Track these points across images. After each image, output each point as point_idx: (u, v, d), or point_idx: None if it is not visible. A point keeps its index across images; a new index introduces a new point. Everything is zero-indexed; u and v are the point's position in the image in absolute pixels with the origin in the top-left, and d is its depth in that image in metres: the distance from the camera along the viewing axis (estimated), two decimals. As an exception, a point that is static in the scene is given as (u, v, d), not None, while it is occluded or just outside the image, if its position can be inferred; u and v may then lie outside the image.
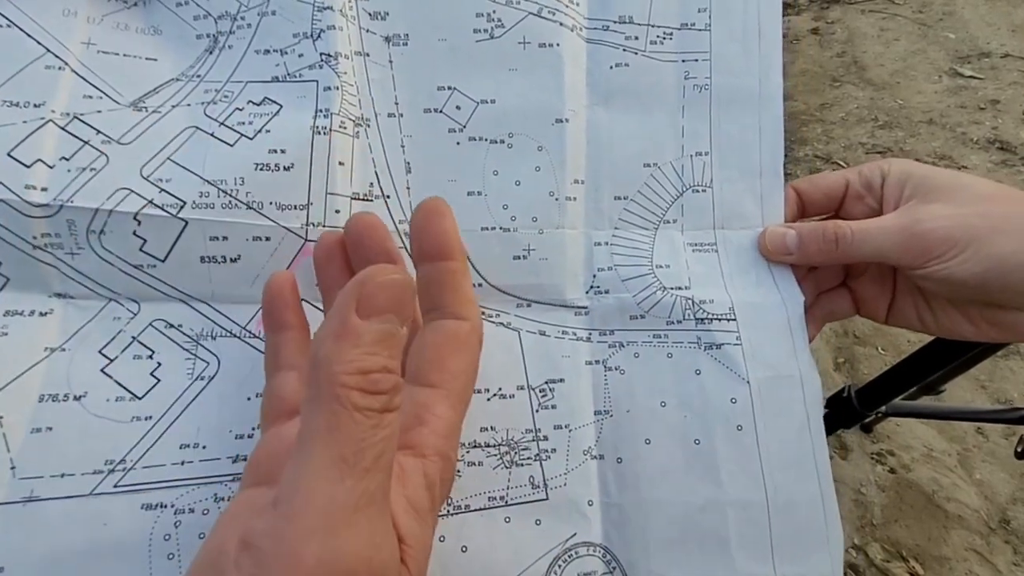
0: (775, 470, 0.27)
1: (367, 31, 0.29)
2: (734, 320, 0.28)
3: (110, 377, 0.25)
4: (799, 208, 0.32)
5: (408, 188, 0.29)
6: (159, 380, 0.25)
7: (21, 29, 0.26)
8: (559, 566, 0.26)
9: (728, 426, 0.27)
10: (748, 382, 0.27)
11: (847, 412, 0.68)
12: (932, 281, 0.27)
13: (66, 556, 0.23)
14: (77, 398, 0.25)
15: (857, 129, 1.76)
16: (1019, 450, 0.70)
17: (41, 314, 0.25)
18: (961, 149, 1.64)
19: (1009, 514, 1.04)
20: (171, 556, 0.24)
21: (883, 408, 0.72)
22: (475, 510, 0.26)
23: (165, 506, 0.24)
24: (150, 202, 0.25)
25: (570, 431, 0.27)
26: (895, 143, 1.69)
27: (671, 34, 0.31)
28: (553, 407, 0.28)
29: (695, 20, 0.31)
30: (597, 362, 0.29)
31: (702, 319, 0.29)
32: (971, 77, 1.81)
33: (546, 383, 0.28)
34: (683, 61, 0.31)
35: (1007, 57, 1.84)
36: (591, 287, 0.30)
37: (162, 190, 0.25)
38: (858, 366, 1.26)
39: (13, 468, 0.23)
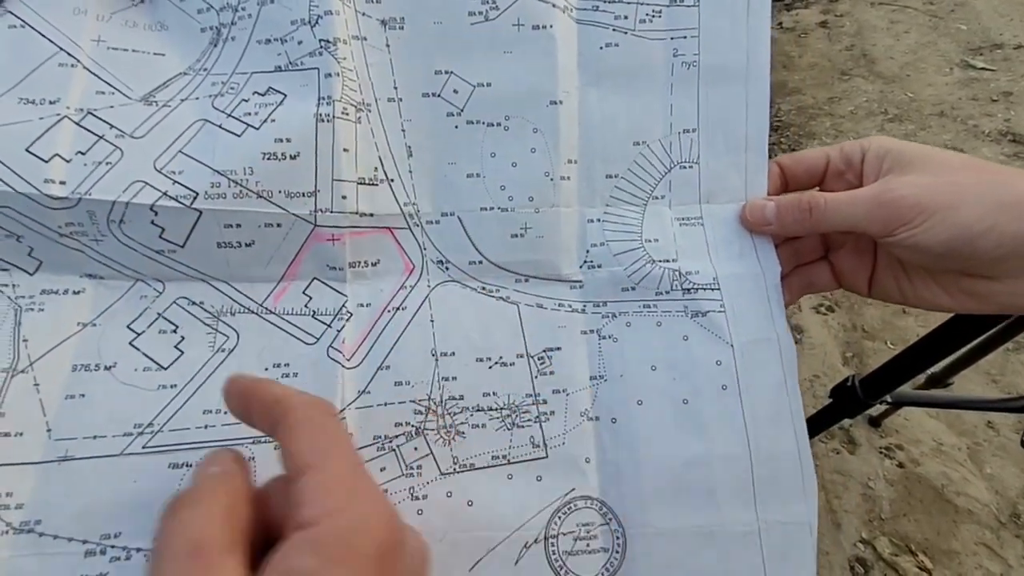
0: (757, 425, 0.29)
1: (363, 15, 0.30)
2: (718, 289, 0.30)
3: (138, 349, 0.28)
4: (783, 183, 0.33)
5: (410, 172, 0.31)
6: (183, 352, 0.28)
7: (34, 28, 0.28)
8: (559, 518, 0.28)
9: (714, 386, 0.29)
10: (732, 346, 0.30)
11: (852, 401, 0.69)
12: (903, 249, 0.28)
13: (99, 509, 0.25)
14: (108, 368, 0.27)
15: (867, 122, 1.76)
16: (1024, 438, 0.71)
17: (74, 292, 0.27)
18: (973, 142, 1.65)
19: (1020, 508, 1.05)
20: None
21: (888, 397, 0.73)
22: (480, 468, 0.28)
23: (190, 465, 0.26)
24: (164, 194, 0.27)
25: (567, 395, 0.30)
26: (905, 136, 1.70)
27: (660, 12, 0.32)
28: (551, 373, 0.30)
29: None
30: (592, 331, 0.31)
31: (688, 289, 0.31)
32: (983, 69, 1.82)
33: (544, 351, 0.30)
34: (672, 39, 0.32)
35: (1020, 48, 1.84)
36: (584, 262, 0.31)
37: (175, 182, 0.27)
38: (867, 360, 1.28)
39: (49, 431, 0.26)
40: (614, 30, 0.32)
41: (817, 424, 0.74)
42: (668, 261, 0.31)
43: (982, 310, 0.29)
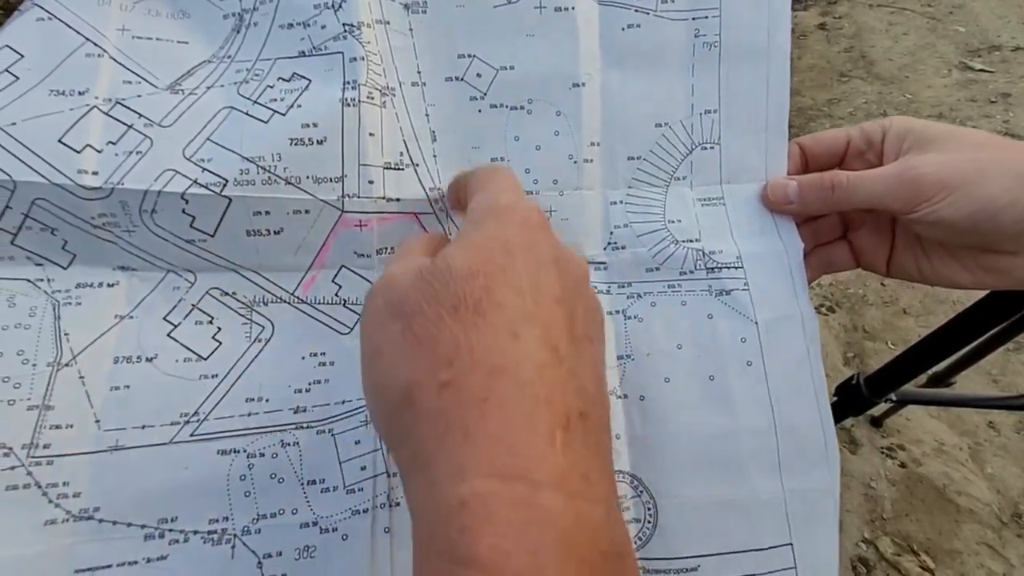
0: (781, 398, 0.30)
1: None
2: (741, 268, 0.31)
3: (177, 341, 0.28)
4: (803, 163, 0.34)
5: (435, 156, 0.31)
6: (221, 343, 0.28)
7: (61, 20, 0.28)
8: None
9: (739, 362, 0.30)
10: (756, 323, 0.30)
11: (856, 399, 0.70)
12: (925, 225, 0.28)
13: (154, 495, 0.26)
14: (149, 359, 0.28)
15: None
16: (1027, 437, 0.72)
17: (109, 285, 0.28)
18: (971, 143, 1.67)
19: (1021, 507, 1.06)
20: (248, 494, 0.27)
21: (892, 395, 0.74)
22: None
23: (238, 451, 0.27)
24: (195, 182, 0.27)
25: None
26: (904, 137, 1.73)
27: None
28: None
29: None
30: (617, 312, 0.31)
31: (712, 268, 0.31)
32: (981, 71, 1.84)
33: None
34: (693, 19, 0.32)
35: (1018, 50, 1.87)
36: (608, 243, 0.32)
37: (205, 169, 0.27)
38: (868, 360, 1.29)
39: (98, 421, 0.26)
40: (636, 11, 0.32)
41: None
42: (691, 241, 0.32)
43: (1000, 285, 0.29)
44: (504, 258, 0.19)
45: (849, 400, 0.69)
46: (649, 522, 0.29)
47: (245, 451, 0.27)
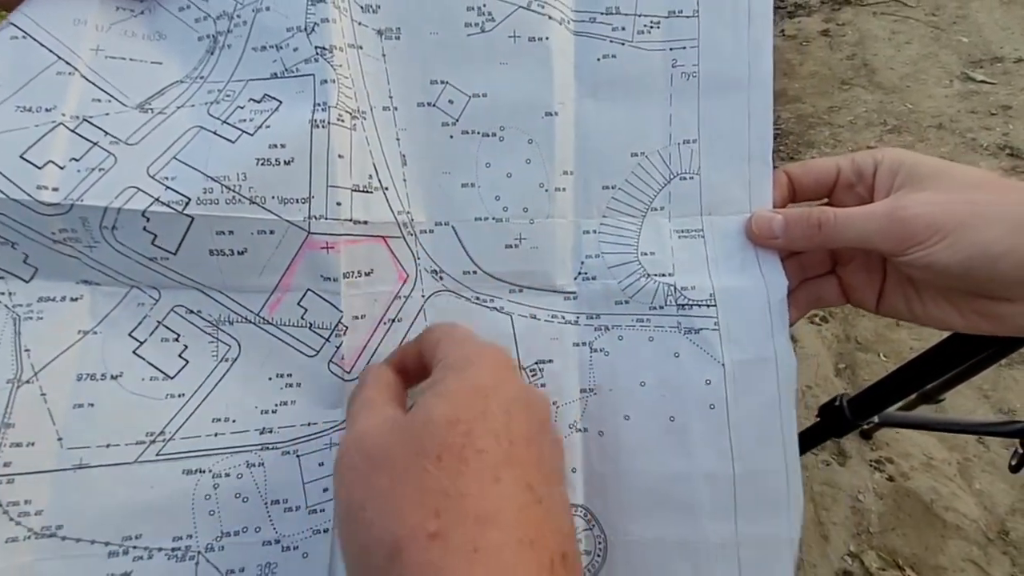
0: (744, 444, 0.29)
1: (359, 24, 0.31)
2: (714, 306, 0.31)
3: (143, 358, 0.28)
4: (791, 192, 0.33)
5: (405, 180, 0.31)
6: (188, 361, 0.28)
7: (34, 39, 0.28)
8: None
9: (701, 405, 0.30)
10: (723, 365, 0.30)
11: (839, 421, 0.70)
12: (916, 268, 0.27)
13: (118, 514, 0.26)
14: (114, 377, 0.28)
15: (865, 133, 1.78)
16: (1013, 463, 0.72)
17: (72, 299, 0.28)
18: (971, 155, 1.66)
19: (1008, 525, 1.07)
20: (212, 512, 0.27)
21: (875, 418, 0.73)
22: None
23: (204, 471, 0.27)
24: (157, 199, 0.27)
25: (557, 407, 0.30)
26: (903, 148, 1.72)
27: (658, 23, 0.32)
28: (542, 385, 0.31)
29: (683, 7, 0.31)
30: (584, 344, 0.31)
31: (683, 305, 0.31)
32: (983, 82, 1.83)
33: (536, 363, 0.31)
34: (671, 49, 0.32)
35: (1020, 62, 1.86)
36: (579, 273, 0.32)
37: (168, 187, 0.27)
38: (859, 371, 1.29)
39: (60, 439, 0.27)
40: (611, 41, 0.32)
41: (804, 442, 0.75)
42: (663, 275, 0.32)
43: (996, 331, 0.28)
44: (481, 403, 0.20)
45: (832, 422, 0.69)
46: (599, 556, 0.29)
47: (211, 471, 0.27)
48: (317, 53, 0.29)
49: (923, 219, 0.26)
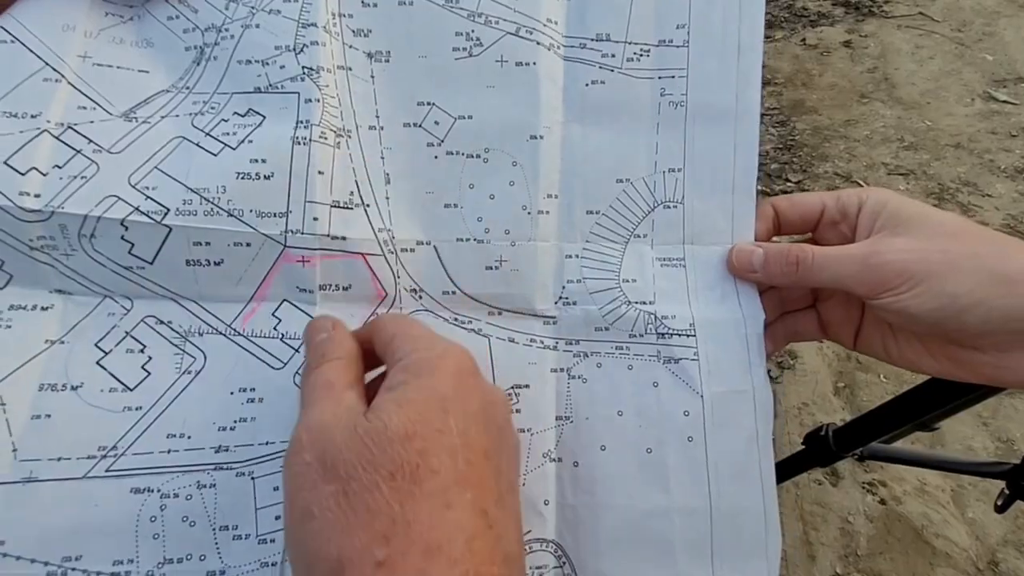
0: (721, 480, 0.29)
1: (350, 47, 0.31)
2: (693, 336, 0.30)
3: (105, 369, 0.28)
4: (775, 225, 0.33)
5: (387, 198, 0.31)
6: (149, 373, 0.28)
7: (23, 44, 0.28)
8: None
9: (679, 437, 0.29)
10: (702, 396, 0.30)
11: (822, 452, 0.69)
12: (889, 313, 0.28)
13: (61, 532, 0.26)
14: (74, 388, 0.27)
15: (881, 148, 1.76)
16: (999, 504, 0.71)
17: (43, 308, 0.28)
18: (987, 176, 1.64)
19: (999, 556, 1.06)
20: (156, 536, 0.26)
21: (859, 451, 0.72)
22: None
23: (152, 490, 0.27)
24: (136, 209, 0.27)
25: (532, 435, 0.30)
26: (919, 166, 1.69)
27: (648, 51, 0.32)
28: (517, 411, 0.30)
29: (673, 37, 0.32)
30: (562, 370, 0.31)
31: (663, 334, 0.31)
32: (1005, 102, 1.80)
33: (512, 388, 0.30)
34: (660, 78, 0.32)
35: (1045, 84, 1.84)
36: (560, 298, 0.32)
37: (148, 197, 0.27)
38: (858, 392, 1.28)
39: (15, 451, 0.26)
40: (600, 68, 0.32)
41: (787, 470, 0.74)
42: (644, 303, 0.31)
43: (967, 378, 0.29)
44: (439, 418, 0.20)
45: (816, 451, 0.68)
46: None
47: (159, 490, 0.27)
48: (304, 73, 0.29)
49: (895, 266, 0.27)
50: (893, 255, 0.27)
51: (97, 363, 0.28)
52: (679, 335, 0.31)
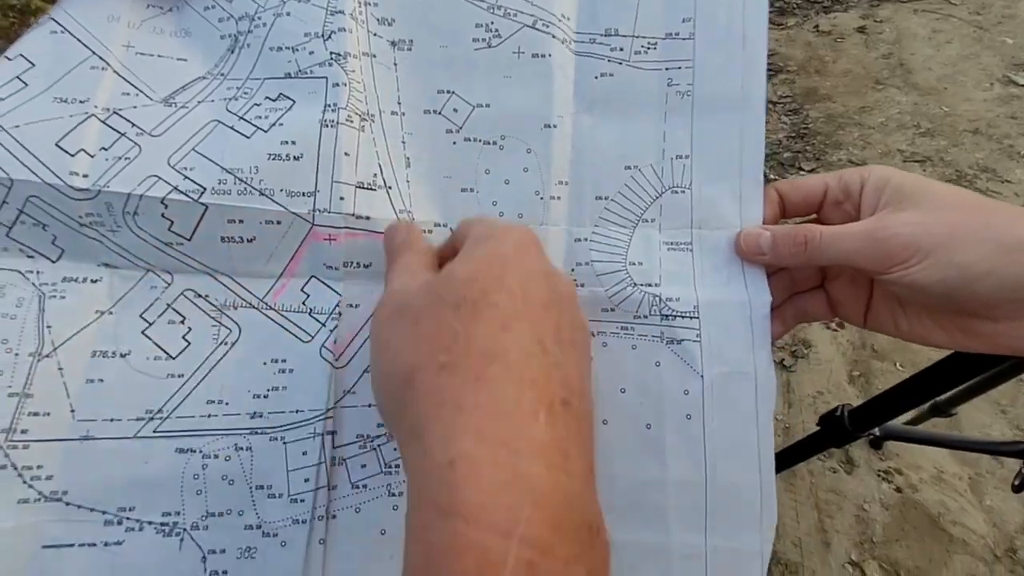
0: (718, 456, 0.30)
1: (375, 35, 0.33)
2: (696, 318, 0.32)
3: (149, 339, 0.30)
4: (780, 210, 0.34)
5: (408, 181, 0.33)
6: (189, 343, 0.31)
7: (72, 34, 0.31)
8: None
9: (678, 415, 0.31)
10: (702, 376, 0.31)
11: (838, 432, 0.69)
12: (899, 287, 0.28)
13: (116, 485, 0.28)
14: (123, 355, 0.30)
15: (897, 135, 1.74)
16: (1016, 483, 0.72)
17: (92, 280, 0.30)
18: (1006, 162, 1.62)
19: (1017, 543, 1.06)
20: (199, 492, 0.29)
21: (875, 430, 0.72)
22: None
23: (195, 451, 0.29)
24: (175, 188, 0.29)
25: None
26: (936, 152, 1.67)
27: (655, 44, 0.33)
28: None
29: (679, 29, 0.33)
30: None
31: (667, 315, 0.32)
32: (1025, 86, 1.79)
33: None
34: (667, 69, 0.33)
35: (1068, 67, 1.81)
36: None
37: (186, 177, 0.30)
38: (873, 380, 1.28)
39: (73, 411, 0.29)
40: (609, 61, 0.34)
41: (802, 451, 0.75)
42: (650, 285, 0.33)
43: (979, 349, 0.29)
44: (500, 269, 0.22)
45: (831, 432, 0.68)
46: None
47: (201, 451, 0.29)
48: (332, 58, 0.31)
49: (903, 240, 0.27)
50: (900, 229, 0.27)
51: (142, 333, 0.30)
52: (683, 317, 0.32)
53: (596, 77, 0.34)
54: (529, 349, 0.20)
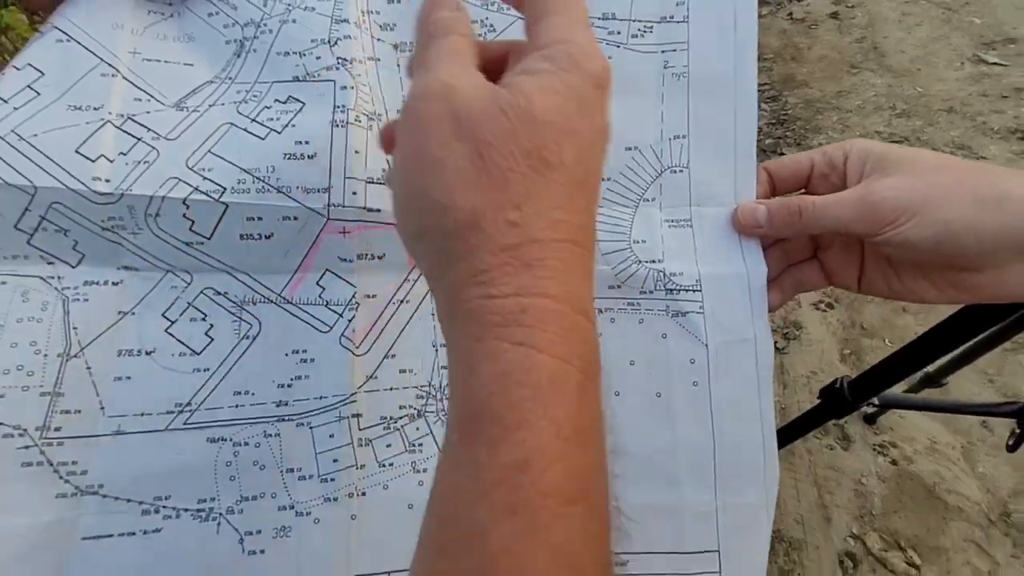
0: (724, 418, 0.32)
1: (378, 40, 0.34)
2: (699, 291, 0.34)
3: (173, 336, 0.31)
4: (770, 187, 0.36)
5: None
6: (213, 339, 0.32)
7: (78, 42, 0.31)
8: None
9: (686, 383, 0.33)
10: (706, 346, 0.33)
11: (839, 403, 0.72)
12: (891, 247, 0.30)
13: (151, 476, 0.30)
14: (148, 353, 0.31)
15: (874, 117, 1.78)
16: (1010, 443, 0.74)
17: (113, 283, 0.31)
18: (980, 139, 1.66)
19: (1010, 507, 1.09)
20: (232, 478, 0.30)
21: (875, 399, 0.75)
22: None
23: (225, 440, 0.31)
24: (196, 189, 0.30)
25: None
26: (912, 132, 1.71)
27: (651, 27, 0.35)
28: None
29: (673, 13, 0.35)
30: None
31: (671, 289, 0.34)
32: (995, 64, 1.82)
33: None
34: (662, 52, 0.35)
35: (1034, 44, 1.86)
36: None
37: (205, 178, 0.31)
38: (864, 358, 1.31)
39: (103, 408, 0.30)
40: (607, 44, 0.35)
41: (805, 424, 0.77)
42: (654, 262, 0.34)
43: (968, 300, 0.31)
44: (578, 119, 0.20)
45: (832, 404, 0.71)
46: None
47: (231, 440, 0.31)
48: (339, 63, 0.33)
49: (891, 202, 0.29)
50: (887, 192, 0.29)
51: (166, 331, 0.31)
52: (686, 291, 0.34)
53: None
54: (585, 222, 0.21)
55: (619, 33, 0.35)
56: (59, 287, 0.30)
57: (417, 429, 0.32)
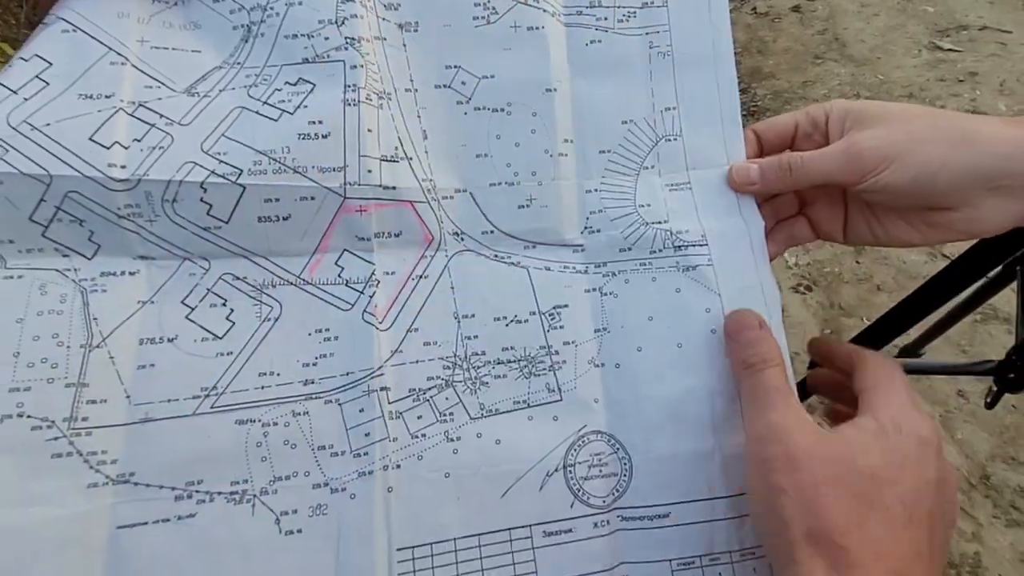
0: None
1: (383, 19, 0.36)
2: (706, 245, 0.36)
3: (194, 322, 0.31)
4: (759, 148, 0.39)
5: (426, 152, 0.36)
6: (234, 323, 0.32)
7: (85, 32, 0.32)
8: (575, 450, 0.33)
9: (704, 331, 0.35)
10: (719, 295, 0.35)
11: None
12: (874, 192, 0.32)
13: (182, 461, 0.30)
14: (170, 340, 0.31)
15: (839, 105, 1.86)
16: (988, 400, 0.78)
17: (130, 274, 0.31)
18: (940, 122, 1.75)
19: (989, 470, 1.14)
20: (264, 459, 0.30)
21: None
22: (504, 412, 0.33)
23: (254, 421, 0.31)
24: (212, 172, 0.31)
25: (576, 346, 0.35)
26: (876, 118, 1.79)
27: (634, 12, 0.38)
28: (561, 327, 0.35)
29: None
30: (594, 289, 0.36)
31: (679, 246, 0.36)
32: (950, 50, 1.92)
33: (553, 308, 0.35)
34: (647, 33, 0.38)
35: (985, 29, 1.95)
36: (585, 227, 0.37)
37: (221, 161, 0.31)
38: (845, 336, 1.36)
39: (128, 397, 0.30)
40: (596, 29, 0.38)
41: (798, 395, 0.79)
42: (660, 223, 0.36)
43: (946, 239, 0.34)
44: (899, 471, 0.26)
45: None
46: (625, 475, 0.33)
47: (260, 420, 0.31)
48: (347, 43, 0.34)
49: (872, 152, 0.32)
50: (868, 143, 0.32)
51: (186, 317, 0.32)
52: (694, 246, 0.36)
53: (586, 44, 0.38)
54: (907, 552, 0.25)
55: (606, 19, 0.38)
56: (76, 279, 0.30)
57: (447, 399, 0.33)
